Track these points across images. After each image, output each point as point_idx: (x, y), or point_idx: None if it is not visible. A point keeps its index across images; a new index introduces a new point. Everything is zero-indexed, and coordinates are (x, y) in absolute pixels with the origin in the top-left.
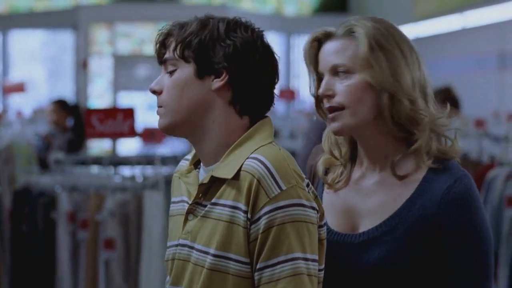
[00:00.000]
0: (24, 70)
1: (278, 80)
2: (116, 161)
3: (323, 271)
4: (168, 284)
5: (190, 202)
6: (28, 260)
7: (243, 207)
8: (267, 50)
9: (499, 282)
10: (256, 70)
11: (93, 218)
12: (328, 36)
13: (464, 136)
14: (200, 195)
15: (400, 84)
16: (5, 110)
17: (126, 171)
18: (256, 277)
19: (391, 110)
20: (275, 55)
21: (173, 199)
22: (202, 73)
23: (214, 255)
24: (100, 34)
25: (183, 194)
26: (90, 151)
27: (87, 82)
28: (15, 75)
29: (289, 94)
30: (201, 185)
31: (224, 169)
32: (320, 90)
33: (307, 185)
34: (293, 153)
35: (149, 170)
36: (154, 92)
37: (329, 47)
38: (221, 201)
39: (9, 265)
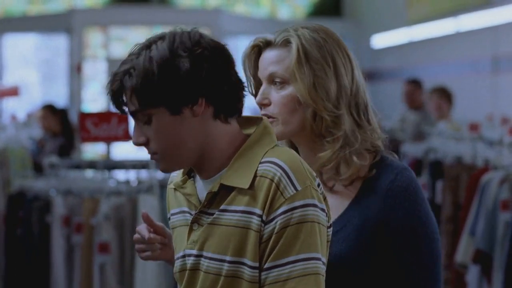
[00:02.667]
0: (18, 74)
1: (235, 64)
2: (111, 165)
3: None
4: None
5: (192, 212)
6: (22, 264)
7: (258, 211)
8: (214, 46)
9: (494, 286)
10: (222, 72)
11: (88, 222)
12: (268, 44)
13: (458, 139)
14: (206, 203)
15: (322, 100)
16: None
17: (120, 175)
18: (262, 278)
19: (312, 124)
20: (222, 45)
21: (171, 211)
22: (177, 109)
23: (230, 262)
24: (94, 38)
25: (182, 205)
26: (85, 155)
27: (81, 86)
28: (9, 79)
29: None
30: (209, 193)
31: (236, 177)
32: (257, 99)
33: (318, 185)
34: None
35: (143, 174)
36: (140, 144)
37: (267, 56)
38: (232, 207)
39: (3, 269)
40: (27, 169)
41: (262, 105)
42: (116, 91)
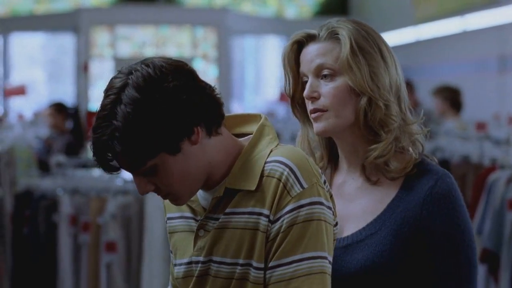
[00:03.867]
0: (24, 73)
1: (196, 72)
2: None
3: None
4: None
5: (197, 218)
6: (29, 263)
7: (265, 211)
8: (175, 68)
9: (501, 285)
10: (197, 91)
11: (95, 221)
12: (310, 38)
13: (465, 139)
14: (211, 208)
15: (378, 88)
16: (6, 113)
17: (127, 174)
18: (266, 276)
19: (368, 113)
20: (180, 62)
21: (169, 215)
22: (176, 148)
23: (237, 264)
24: (100, 37)
25: (182, 210)
26: (92, 154)
27: (88, 85)
28: (16, 78)
29: None
30: (214, 198)
31: (241, 180)
32: (305, 92)
33: (324, 183)
34: None
35: None
36: (150, 191)
37: (313, 49)
38: (239, 209)
39: (10, 268)
40: (33, 168)
41: (311, 98)
42: (107, 161)
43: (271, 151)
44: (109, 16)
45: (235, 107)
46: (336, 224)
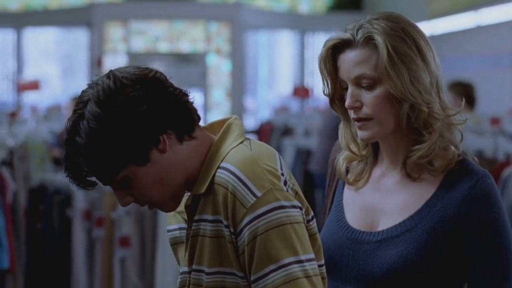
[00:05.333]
0: (38, 68)
1: (166, 78)
2: None
3: (323, 267)
4: None
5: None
6: (43, 258)
7: (224, 221)
8: (137, 78)
9: None
10: (161, 99)
11: (109, 216)
12: (345, 43)
13: (479, 133)
14: (189, 217)
15: (420, 93)
16: (20, 107)
17: None
18: None
19: (411, 118)
20: (143, 71)
21: (169, 227)
22: (145, 159)
23: (208, 273)
24: (114, 32)
25: (179, 221)
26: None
27: None
28: (29, 73)
29: (303, 92)
30: (186, 207)
31: (201, 185)
32: (347, 103)
33: (285, 183)
34: (308, 151)
35: None
36: (130, 203)
37: (350, 57)
38: (204, 216)
39: (24, 263)
40: (47, 163)
41: (353, 109)
42: (78, 179)
43: (228, 152)
44: (123, 11)
45: (249, 102)
46: (312, 218)
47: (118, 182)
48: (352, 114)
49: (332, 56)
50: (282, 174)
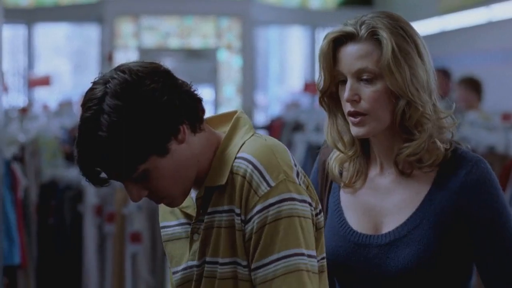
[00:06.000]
0: (49, 64)
1: (172, 72)
2: None
3: (324, 260)
4: None
5: (190, 223)
6: (54, 254)
7: (237, 210)
8: (151, 71)
9: None
10: (175, 89)
11: (120, 212)
12: (349, 36)
13: (490, 129)
14: (201, 211)
15: (418, 91)
16: (31, 103)
17: None
18: (252, 277)
19: (405, 115)
20: (154, 64)
21: (164, 224)
22: (165, 150)
23: (226, 264)
24: (125, 28)
25: (179, 217)
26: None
27: None
28: (40, 69)
29: (314, 88)
30: (197, 199)
31: (216, 176)
32: (346, 95)
33: (297, 175)
34: (319, 147)
35: None
36: (149, 196)
37: (353, 51)
38: (219, 208)
39: (35, 258)
40: (58, 158)
41: (352, 102)
42: (95, 175)
43: (243, 144)
44: (134, 7)
45: (260, 98)
46: (320, 212)
47: (137, 176)
48: (348, 107)
49: (333, 49)
50: (295, 165)
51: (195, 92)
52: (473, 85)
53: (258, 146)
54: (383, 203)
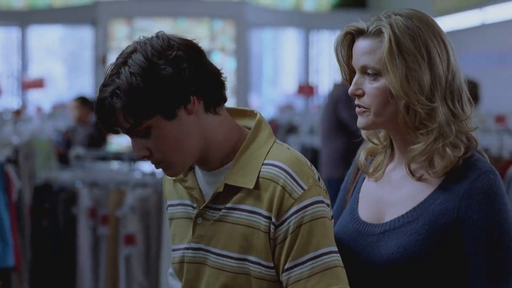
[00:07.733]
0: (43, 66)
1: (206, 54)
2: None
3: None
4: (181, 286)
5: (194, 205)
6: (48, 256)
7: (264, 213)
8: (185, 43)
9: None
10: (200, 65)
11: (114, 214)
12: (360, 32)
13: (484, 131)
14: (211, 200)
15: (415, 93)
16: (25, 105)
17: (146, 166)
18: (284, 278)
19: (405, 117)
20: (189, 40)
21: (169, 202)
22: (172, 114)
23: (237, 259)
24: (119, 30)
25: (182, 197)
26: (110, 146)
27: None
28: (34, 71)
29: (308, 90)
30: (215, 193)
31: (240, 177)
32: (350, 89)
33: (319, 179)
34: (313, 149)
35: None
36: (144, 157)
37: (360, 46)
38: (240, 206)
39: (29, 261)
40: (52, 161)
41: (355, 95)
42: (106, 116)
43: (269, 151)
44: (127, 9)
45: (253, 100)
46: (332, 217)
47: (141, 131)
48: (356, 100)
49: (350, 42)
50: (315, 171)
51: (221, 79)
52: (468, 87)
53: (288, 155)
54: (390, 196)
